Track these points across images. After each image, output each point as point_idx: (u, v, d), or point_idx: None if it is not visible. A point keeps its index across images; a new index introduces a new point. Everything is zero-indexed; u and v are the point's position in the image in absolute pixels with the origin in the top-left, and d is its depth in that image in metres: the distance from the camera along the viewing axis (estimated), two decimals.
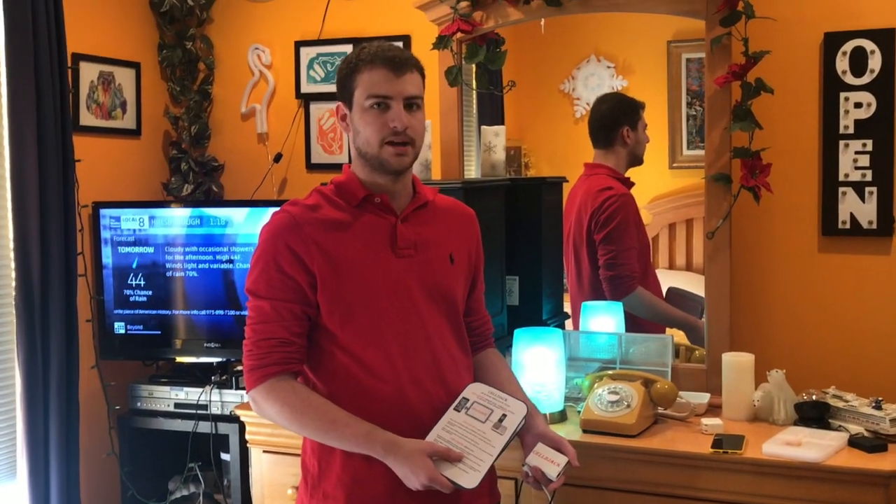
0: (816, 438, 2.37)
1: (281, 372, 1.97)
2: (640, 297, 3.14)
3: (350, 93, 2.00)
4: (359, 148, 2.01)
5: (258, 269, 1.99)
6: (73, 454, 3.15)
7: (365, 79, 1.97)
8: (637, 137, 3.17)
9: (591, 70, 3.30)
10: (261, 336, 1.97)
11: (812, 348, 2.89)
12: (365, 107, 1.97)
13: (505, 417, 1.97)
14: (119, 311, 3.47)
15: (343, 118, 2.04)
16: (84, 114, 3.44)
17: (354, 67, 2.00)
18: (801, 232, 2.90)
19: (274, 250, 1.96)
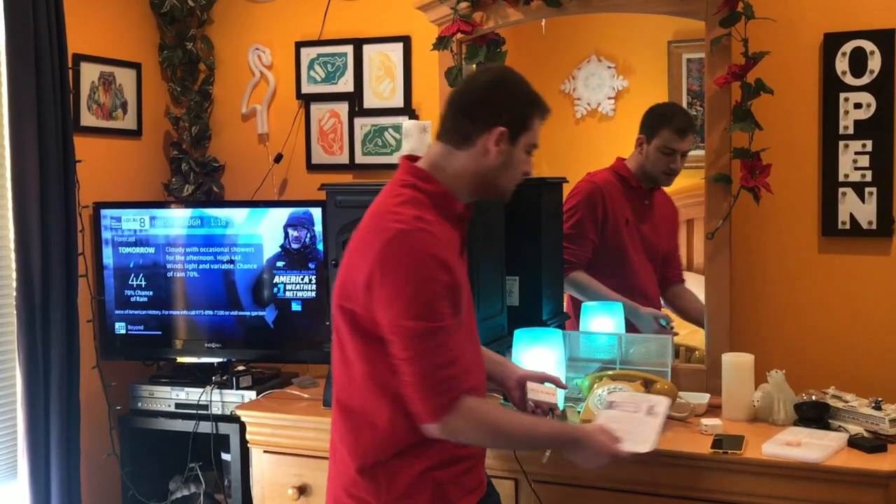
0: (816, 439, 2.38)
1: (467, 391, 1.95)
2: (574, 280, 3.20)
3: (522, 128, 2.04)
4: (494, 176, 2.05)
5: (415, 289, 1.88)
6: (73, 454, 3.16)
7: (536, 125, 2.08)
8: (649, 154, 3.13)
9: (592, 70, 3.30)
10: (440, 360, 1.90)
11: (812, 349, 2.90)
12: (526, 150, 2.08)
13: (653, 407, 2.29)
14: (120, 311, 3.47)
15: (498, 143, 2.01)
16: (85, 114, 3.44)
17: (534, 111, 2.07)
18: (801, 232, 2.90)
19: (430, 268, 1.90)
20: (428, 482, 2.00)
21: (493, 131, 2.00)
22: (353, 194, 2.89)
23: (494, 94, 2.03)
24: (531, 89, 2.08)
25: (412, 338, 1.88)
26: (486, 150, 2.01)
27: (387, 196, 2.02)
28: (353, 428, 2.02)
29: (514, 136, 2.03)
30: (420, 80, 3.45)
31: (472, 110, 2.03)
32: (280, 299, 3.36)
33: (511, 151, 2.03)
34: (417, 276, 1.88)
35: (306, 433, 2.88)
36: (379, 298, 1.90)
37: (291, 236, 3.33)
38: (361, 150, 3.56)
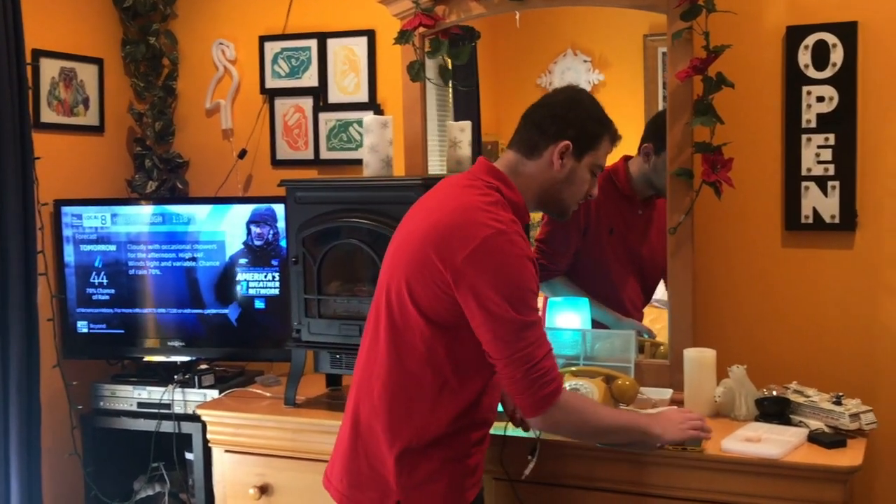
0: (776, 434, 2.37)
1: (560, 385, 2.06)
2: (556, 285, 3.14)
3: (589, 146, 2.16)
4: (558, 190, 2.16)
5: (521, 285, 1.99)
6: (34, 454, 3.12)
7: (605, 148, 2.20)
8: (657, 166, 2.92)
9: (568, 64, 3.28)
10: (542, 352, 2.01)
11: (775, 343, 2.88)
12: (591, 170, 2.18)
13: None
14: (82, 309, 3.43)
15: (563, 155, 2.13)
16: (45, 111, 3.40)
17: (604, 133, 2.19)
18: (763, 227, 2.89)
19: (530, 268, 2.01)
20: (446, 472, 2.08)
21: (559, 144, 2.12)
22: (314, 190, 2.87)
23: (566, 111, 2.16)
24: (603, 113, 2.21)
25: (517, 330, 1.97)
26: (551, 161, 2.13)
27: (473, 192, 2.08)
28: (394, 409, 2.08)
29: (579, 153, 2.14)
30: (385, 74, 3.42)
31: (544, 123, 2.16)
32: (243, 297, 3.33)
33: (575, 167, 2.15)
34: (517, 274, 1.98)
35: (267, 432, 2.86)
36: (473, 291, 1.96)
37: (254, 233, 3.30)
38: (326, 145, 3.53)
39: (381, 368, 2.10)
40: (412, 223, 2.14)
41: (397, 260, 2.10)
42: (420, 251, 2.03)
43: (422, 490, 2.07)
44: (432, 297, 2.01)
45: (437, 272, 1.99)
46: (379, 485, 2.09)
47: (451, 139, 3.13)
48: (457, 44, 3.05)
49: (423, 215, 2.11)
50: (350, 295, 2.86)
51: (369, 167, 2.85)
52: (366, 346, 2.17)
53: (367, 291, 2.75)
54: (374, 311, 2.16)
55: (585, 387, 2.54)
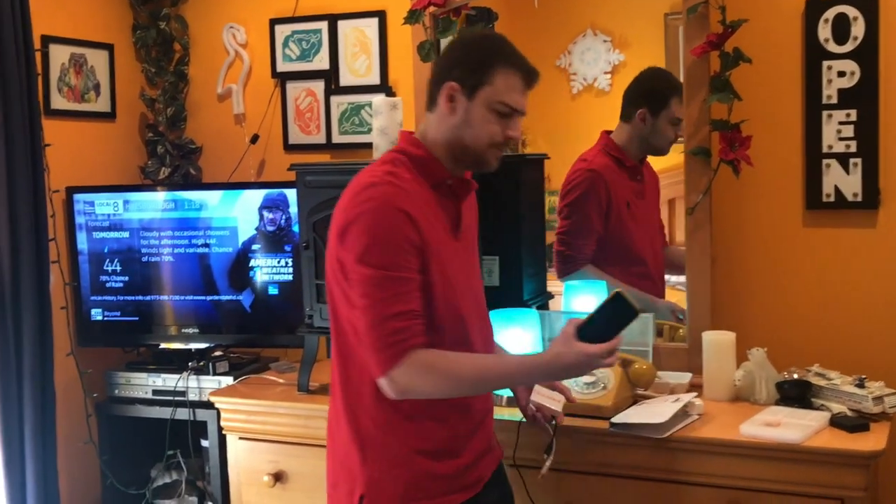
0: (797, 418, 2.31)
1: (423, 344, 1.86)
2: (586, 274, 3.08)
3: (478, 82, 1.93)
4: (459, 137, 1.96)
5: (374, 237, 1.83)
6: (49, 443, 3.12)
7: (501, 80, 1.94)
8: (655, 126, 3.00)
9: (588, 44, 3.22)
10: (393, 310, 1.83)
11: (795, 325, 2.82)
12: (490, 107, 1.94)
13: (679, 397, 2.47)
14: (95, 297, 3.42)
15: (452, 98, 1.94)
16: (55, 97, 3.38)
17: (492, 61, 1.94)
18: (783, 206, 2.82)
19: (392, 217, 1.84)
20: (412, 465, 1.96)
21: (444, 87, 1.95)
22: (324, 174, 2.83)
23: (449, 51, 2.03)
24: (495, 44, 1.98)
25: (367, 284, 1.84)
26: (442, 109, 1.96)
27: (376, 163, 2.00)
28: (348, 397, 1.99)
29: (469, 91, 1.94)
30: (396, 55, 3.37)
31: (434, 71, 2.03)
32: (257, 283, 3.30)
33: (469, 107, 1.94)
34: (380, 225, 1.84)
35: (281, 419, 2.83)
36: (345, 248, 1.86)
37: (266, 218, 3.27)
38: (338, 128, 3.48)
39: (333, 358, 2.03)
40: None
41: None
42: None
43: (382, 484, 1.96)
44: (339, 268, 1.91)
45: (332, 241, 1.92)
46: (347, 479, 2.01)
47: None
48: (473, 24, 3.00)
49: None
50: None
51: (379, 150, 2.80)
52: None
53: None
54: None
55: (601, 371, 2.49)
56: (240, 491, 2.92)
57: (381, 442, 1.96)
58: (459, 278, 2.00)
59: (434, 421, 1.97)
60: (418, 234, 1.87)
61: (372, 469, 1.96)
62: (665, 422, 2.31)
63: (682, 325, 2.98)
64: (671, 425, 2.33)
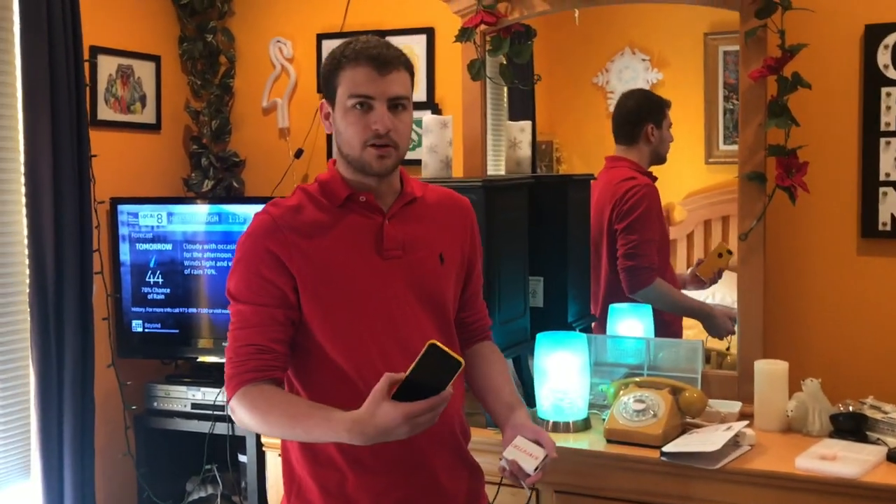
0: (853, 452, 2.26)
1: (256, 379, 1.84)
2: (658, 288, 3.05)
3: (333, 91, 1.89)
4: (340, 148, 1.92)
5: (238, 272, 1.90)
6: (87, 454, 3.10)
7: (348, 77, 1.86)
8: (661, 136, 3.10)
9: (626, 63, 3.21)
10: (240, 343, 1.87)
11: (850, 356, 2.76)
12: (347, 106, 1.87)
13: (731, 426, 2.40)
14: (137, 308, 3.41)
15: (326, 117, 1.94)
16: (102, 108, 3.39)
17: (338, 64, 1.88)
18: (839, 234, 2.77)
19: (254, 253, 1.88)
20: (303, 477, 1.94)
21: (322, 108, 1.96)
22: None
23: (321, 73, 1.99)
24: (340, 48, 1.90)
25: (231, 314, 1.91)
26: (328, 128, 1.95)
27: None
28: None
29: (331, 102, 1.91)
30: (444, 73, 3.36)
31: None
32: None
33: (335, 117, 1.90)
34: (242, 258, 1.90)
35: None
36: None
37: None
38: None
39: None
40: None
41: None
42: None
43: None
44: None
45: None
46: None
47: (510, 139, 3.06)
48: (517, 42, 2.98)
49: None
50: None
51: (428, 168, 2.78)
52: None
53: None
54: None
55: (651, 399, 2.45)
56: None
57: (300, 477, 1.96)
58: (374, 294, 1.90)
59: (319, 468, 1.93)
60: (283, 271, 1.85)
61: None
62: (717, 451, 2.27)
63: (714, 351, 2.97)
64: (723, 455, 2.28)
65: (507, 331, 2.61)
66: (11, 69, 3.00)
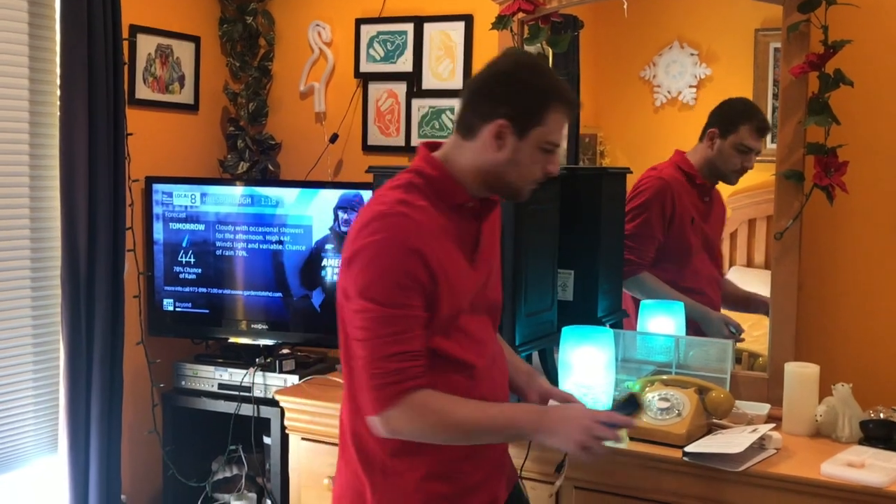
0: (882, 461, 2.20)
1: (420, 386, 1.82)
2: (644, 282, 3.03)
3: (531, 122, 1.86)
4: (501, 173, 1.90)
5: (379, 272, 1.79)
6: (114, 430, 3.13)
7: (553, 120, 1.88)
8: (722, 149, 2.95)
9: (674, 57, 3.15)
10: (392, 349, 1.79)
11: (883, 362, 2.70)
12: (540, 146, 1.89)
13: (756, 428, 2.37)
14: (168, 287, 3.43)
15: (500, 136, 1.86)
16: (140, 87, 3.40)
17: (547, 102, 1.87)
18: (877, 236, 2.70)
19: (398, 254, 1.79)
20: (422, 492, 1.91)
21: (492, 124, 1.86)
22: None
23: (498, 85, 1.88)
24: (548, 80, 1.90)
25: (367, 318, 1.80)
26: (486, 144, 1.87)
27: (390, 183, 1.93)
28: (355, 422, 1.94)
29: (520, 131, 1.86)
30: (481, 61, 3.24)
31: (475, 100, 1.90)
32: (328, 283, 3.28)
33: (519, 146, 1.87)
34: (385, 260, 1.79)
35: None
36: (350, 277, 1.83)
37: (341, 219, 3.25)
38: (418, 132, 3.45)
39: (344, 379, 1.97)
40: None
41: None
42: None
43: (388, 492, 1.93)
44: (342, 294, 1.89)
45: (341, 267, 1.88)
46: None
47: None
48: (557, 32, 2.94)
49: None
50: None
51: None
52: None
53: None
54: None
55: (676, 397, 2.41)
56: (299, 492, 2.90)
57: (392, 468, 1.91)
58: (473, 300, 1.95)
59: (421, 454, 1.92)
60: (428, 273, 1.81)
61: (381, 497, 1.92)
62: (741, 453, 2.22)
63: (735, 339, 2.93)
64: (747, 458, 2.24)
65: (533, 323, 2.57)
66: (52, 45, 3.03)
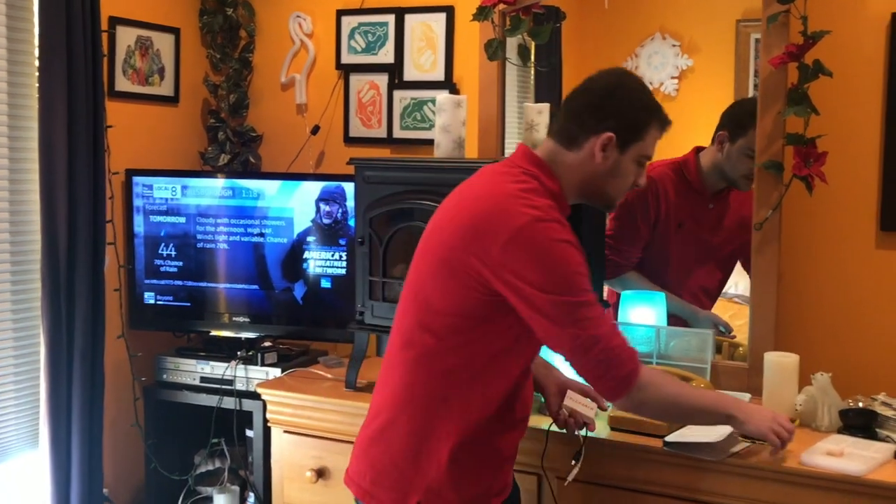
0: (860, 449, 2.22)
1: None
2: (627, 280, 3.02)
3: (634, 137, 2.02)
4: (601, 184, 2.05)
5: (575, 272, 1.89)
6: (96, 424, 3.12)
7: (653, 136, 2.06)
8: (731, 153, 2.87)
9: (656, 48, 3.16)
10: (605, 333, 1.90)
11: (863, 351, 2.72)
12: (637, 160, 2.05)
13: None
14: (149, 280, 3.42)
15: (605, 148, 2.01)
16: (120, 79, 3.38)
17: (650, 119, 2.04)
18: (857, 226, 2.72)
19: (571, 253, 1.90)
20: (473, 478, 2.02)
21: (600, 136, 2.00)
22: (383, 170, 2.79)
23: (606, 100, 2.02)
24: (648, 98, 2.06)
25: (569, 313, 1.87)
26: (592, 154, 2.01)
27: (507, 179, 1.99)
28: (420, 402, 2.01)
29: (623, 144, 2.01)
30: (462, 52, 3.32)
31: (583, 113, 2.03)
32: (309, 275, 3.28)
33: (619, 160, 2.03)
34: (559, 258, 1.88)
35: (327, 415, 2.80)
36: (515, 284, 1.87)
37: (323, 211, 3.24)
38: (400, 123, 3.44)
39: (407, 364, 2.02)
40: (444, 214, 2.05)
41: (426, 254, 2.04)
42: (447, 247, 1.96)
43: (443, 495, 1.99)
44: (459, 295, 1.93)
45: (468, 267, 1.91)
46: (400, 484, 2.00)
47: (527, 121, 3.01)
48: (539, 23, 2.93)
49: (456, 206, 2.03)
50: None
51: (440, 148, 2.76)
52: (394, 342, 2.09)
53: None
54: (401, 311, 2.08)
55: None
56: (282, 484, 2.90)
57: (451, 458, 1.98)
58: None
59: (513, 430, 2.08)
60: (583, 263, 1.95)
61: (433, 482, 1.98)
62: (721, 443, 2.23)
63: (725, 338, 2.94)
64: (727, 448, 2.25)
65: None
66: (31, 38, 3.01)
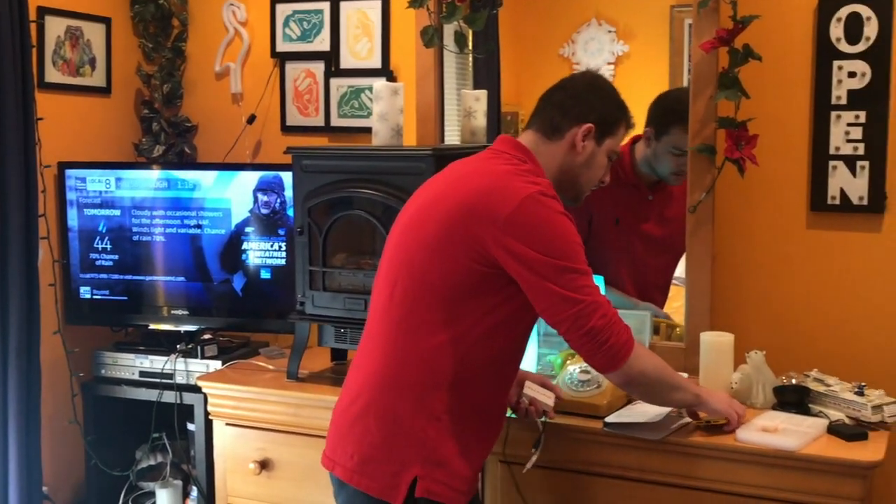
0: (794, 425, 2.27)
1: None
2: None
3: (609, 131, 2.17)
4: (575, 175, 2.17)
5: (570, 244, 1.98)
6: (33, 421, 3.06)
7: (620, 133, 2.22)
8: (657, 152, 2.88)
9: (592, 34, 3.18)
10: (602, 302, 1.98)
11: (795, 329, 2.78)
12: (608, 155, 2.20)
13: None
14: (85, 275, 3.36)
15: (585, 138, 2.14)
16: (50, 70, 3.31)
17: (623, 115, 2.21)
18: (788, 207, 2.77)
19: (570, 227, 2.00)
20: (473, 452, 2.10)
21: (582, 126, 2.13)
22: (321, 159, 2.78)
23: (589, 93, 2.18)
24: (620, 98, 2.22)
25: (568, 280, 1.94)
26: (573, 143, 2.13)
27: (501, 161, 2.09)
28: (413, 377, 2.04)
29: (600, 136, 2.16)
30: (399, 40, 3.31)
31: (566, 104, 2.16)
32: (249, 266, 3.25)
33: (595, 151, 2.16)
34: (560, 229, 1.97)
35: (269, 406, 2.79)
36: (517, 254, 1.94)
37: (261, 201, 3.21)
38: (337, 112, 3.42)
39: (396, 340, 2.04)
40: (437, 191, 2.09)
41: (417, 230, 2.05)
42: (447, 221, 1.99)
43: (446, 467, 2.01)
44: (459, 266, 1.97)
45: (469, 239, 1.96)
46: (395, 457, 2.01)
47: (465, 108, 3.02)
48: (476, 10, 2.93)
49: (453, 183, 2.07)
50: (356, 268, 2.77)
51: (378, 136, 2.75)
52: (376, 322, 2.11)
53: (373, 265, 2.66)
54: (387, 286, 2.09)
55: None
56: (225, 477, 2.89)
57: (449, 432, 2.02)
58: None
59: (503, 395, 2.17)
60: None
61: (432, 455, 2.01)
62: (660, 422, 2.27)
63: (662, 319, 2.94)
64: (666, 427, 2.29)
65: None
66: None
